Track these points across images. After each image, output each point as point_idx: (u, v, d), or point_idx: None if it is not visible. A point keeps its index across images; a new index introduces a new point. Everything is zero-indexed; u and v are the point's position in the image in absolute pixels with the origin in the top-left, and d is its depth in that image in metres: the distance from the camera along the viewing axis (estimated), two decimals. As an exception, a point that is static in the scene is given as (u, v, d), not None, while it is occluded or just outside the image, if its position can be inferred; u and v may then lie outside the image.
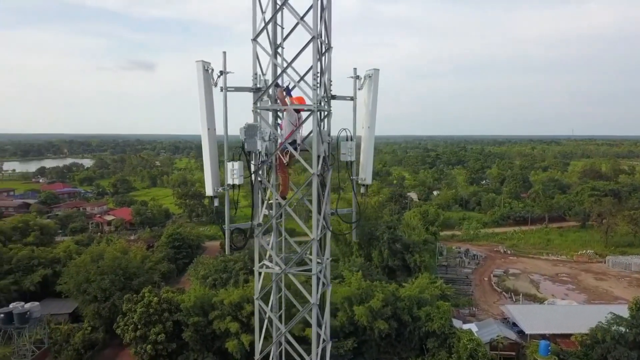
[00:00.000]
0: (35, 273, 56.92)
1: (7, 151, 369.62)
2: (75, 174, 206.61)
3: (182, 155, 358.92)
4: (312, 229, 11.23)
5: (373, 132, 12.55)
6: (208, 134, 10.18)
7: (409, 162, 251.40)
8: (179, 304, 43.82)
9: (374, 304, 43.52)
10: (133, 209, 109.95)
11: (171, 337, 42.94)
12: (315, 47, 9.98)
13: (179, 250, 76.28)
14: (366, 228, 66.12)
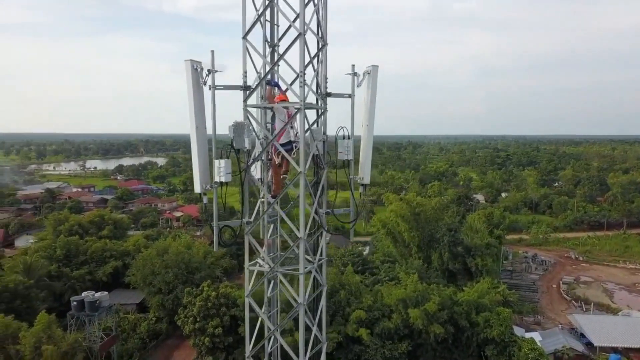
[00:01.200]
0: (107, 265, 60.52)
1: (91, 150, 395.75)
2: (149, 172, 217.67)
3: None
4: (300, 228, 11.19)
5: (372, 131, 12.27)
6: (196, 132, 10.44)
7: (477, 162, 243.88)
8: (236, 299, 44.96)
9: (429, 307, 42.58)
10: (200, 206, 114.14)
11: (228, 331, 44.15)
12: (302, 44, 10.00)
13: (241, 247, 78.11)
14: (426, 230, 64.88)
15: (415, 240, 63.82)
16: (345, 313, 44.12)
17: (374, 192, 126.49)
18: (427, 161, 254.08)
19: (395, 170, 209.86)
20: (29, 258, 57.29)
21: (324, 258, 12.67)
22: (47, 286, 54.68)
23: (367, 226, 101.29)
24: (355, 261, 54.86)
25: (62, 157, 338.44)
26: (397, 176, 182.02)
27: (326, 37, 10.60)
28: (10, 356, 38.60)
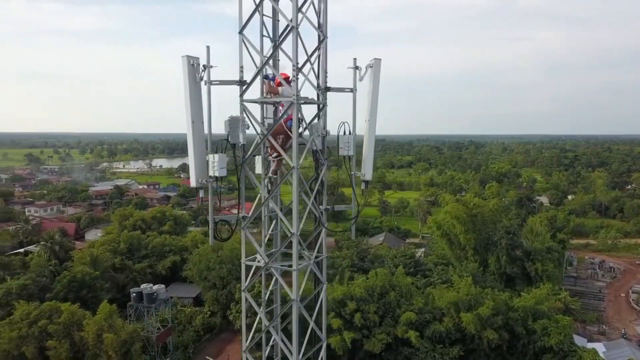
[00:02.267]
0: (166, 259, 63.00)
1: (157, 149, 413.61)
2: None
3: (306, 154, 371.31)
4: (293, 224, 11.07)
5: (374, 126, 11.91)
6: (192, 127, 10.55)
7: (543, 163, 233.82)
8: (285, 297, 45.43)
9: (482, 312, 41.22)
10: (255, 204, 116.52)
11: (278, 327, 44.71)
12: (295, 38, 9.95)
13: (295, 245, 79.06)
14: (483, 232, 62.90)
15: (471, 242, 62.01)
16: (395, 314, 43.55)
17: (432, 193, 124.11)
18: (489, 161, 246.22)
19: (455, 171, 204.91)
20: (95, 250, 60.65)
21: (323, 255, 12.56)
22: (111, 277, 57.69)
23: (423, 228, 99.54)
24: (407, 262, 54.01)
25: (131, 155, 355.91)
26: (457, 177, 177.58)
27: (326, 30, 10.49)
28: (75, 342, 40.98)
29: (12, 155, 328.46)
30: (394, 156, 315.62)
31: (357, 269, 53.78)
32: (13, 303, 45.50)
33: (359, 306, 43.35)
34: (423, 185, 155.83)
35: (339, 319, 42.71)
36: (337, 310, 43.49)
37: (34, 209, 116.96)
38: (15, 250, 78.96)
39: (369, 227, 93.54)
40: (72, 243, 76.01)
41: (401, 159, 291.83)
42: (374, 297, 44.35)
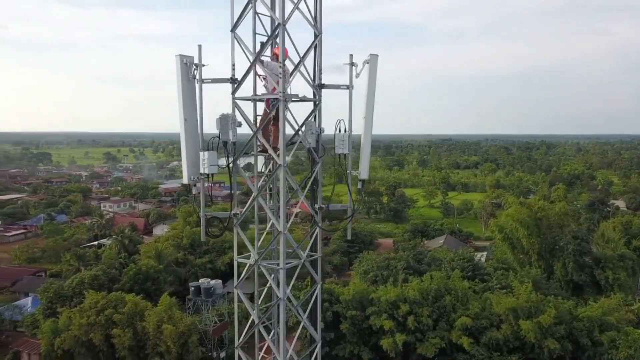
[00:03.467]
0: (225, 255, 64.88)
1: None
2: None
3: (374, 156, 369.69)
4: (280, 222, 10.92)
5: (370, 124, 11.51)
6: (185, 124, 10.71)
7: (621, 165, 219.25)
8: (339, 296, 45.48)
9: (543, 320, 39.30)
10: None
11: (330, 326, 44.77)
12: (282, 34, 9.88)
13: (352, 245, 78.91)
14: (548, 237, 59.98)
15: (535, 247, 59.29)
16: (450, 319, 42.48)
17: (498, 195, 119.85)
18: (561, 163, 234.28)
19: (523, 172, 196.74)
20: (160, 245, 63.54)
21: (318, 255, 12.41)
22: (173, 271, 60.22)
23: (486, 230, 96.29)
24: (465, 266, 52.44)
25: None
26: (526, 178, 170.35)
27: (320, 26, 10.37)
28: (137, 331, 43.10)
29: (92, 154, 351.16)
30: (460, 156, 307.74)
31: (412, 271, 52.90)
32: (84, 292, 48.56)
33: (412, 309, 42.63)
34: (489, 186, 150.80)
35: (391, 321, 42.21)
36: (390, 312, 43.00)
37: (109, 204, 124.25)
38: (90, 242, 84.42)
39: (429, 229, 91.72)
40: (140, 237, 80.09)
41: (467, 159, 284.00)
42: (428, 300, 43.46)
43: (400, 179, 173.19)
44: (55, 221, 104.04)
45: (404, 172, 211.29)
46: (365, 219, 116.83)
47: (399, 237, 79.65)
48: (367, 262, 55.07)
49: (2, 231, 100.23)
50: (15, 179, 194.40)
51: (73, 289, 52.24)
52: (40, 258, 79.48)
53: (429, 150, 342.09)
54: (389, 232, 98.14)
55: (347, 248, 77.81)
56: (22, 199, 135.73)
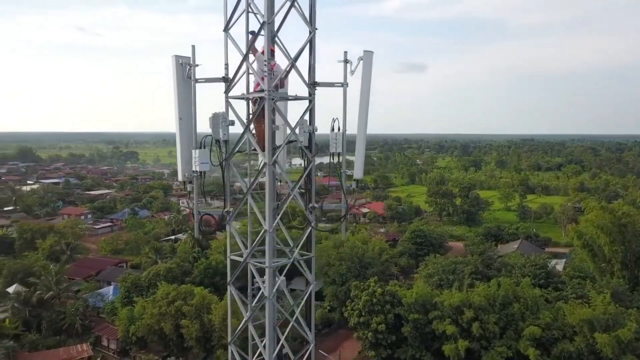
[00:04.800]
0: (292, 252, 65.93)
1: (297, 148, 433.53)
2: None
3: (445, 154, 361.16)
4: (266, 220, 10.62)
5: (365, 122, 10.93)
6: (179, 123, 10.79)
7: None
8: (401, 299, 44.80)
9: (622, 334, 36.43)
10: (386, 203, 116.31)
11: (392, 329, 44.24)
12: (268, 33, 9.73)
13: (420, 247, 77.39)
14: (634, 245, 55.46)
15: (618, 255, 55.03)
16: (518, 328, 40.52)
17: (581, 199, 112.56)
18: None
19: (612, 175, 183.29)
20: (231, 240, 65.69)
21: (312, 255, 12.11)
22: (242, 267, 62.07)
23: (565, 236, 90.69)
24: (538, 273, 49.72)
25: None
26: (614, 181, 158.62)
27: (314, 23, 10.14)
28: (204, 323, 44.87)
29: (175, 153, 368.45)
30: (542, 157, 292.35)
31: (481, 277, 50.98)
32: (158, 283, 51.30)
33: (478, 315, 41.13)
34: (571, 189, 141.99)
35: (455, 326, 40.97)
36: (453, 317, 41.74)
37: (187, 201, 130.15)
38: (168, 237, 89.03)
39: (503, 233, 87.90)
40: (213, 233, 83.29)
41: (550, 161, 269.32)
42: (494, 307, 41.72)
43: (476, 181, 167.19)
44: (138, 216, 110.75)
45: (480, 174, 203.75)
46: (436, 221, 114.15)
47: (470, 241, 76.93)
48: (432, 265, 53.77)
49: (92, 224, 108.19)
50: (106, 175, 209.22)
51: (149, 280, 55.36)
52: (123, 250, 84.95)
53: (508, 151, 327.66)
54: (461, 236, 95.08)
55: (415, 250, 76.38)
56: (111, 194, 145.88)
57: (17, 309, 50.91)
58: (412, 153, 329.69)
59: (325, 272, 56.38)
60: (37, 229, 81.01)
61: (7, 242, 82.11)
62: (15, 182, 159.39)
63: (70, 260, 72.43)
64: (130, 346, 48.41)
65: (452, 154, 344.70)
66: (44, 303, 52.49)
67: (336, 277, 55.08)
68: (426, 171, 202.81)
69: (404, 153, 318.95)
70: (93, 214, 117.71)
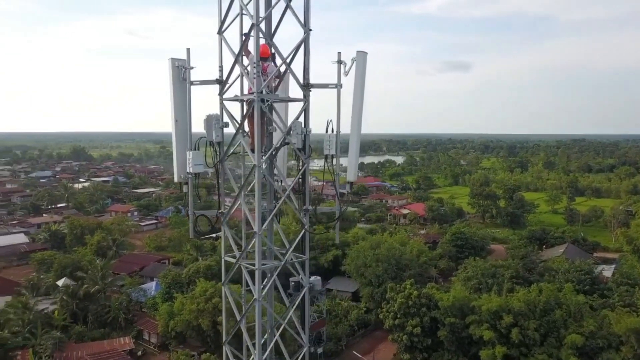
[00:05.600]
0: (329, 252, 65.98)
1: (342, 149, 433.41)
2: (387, 170, 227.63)
3: (490, 155, 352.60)
4: (256, 222, 10.43)
5: (359, 124, 10.54)
6: (176, 125, 10.78)
7: None
8: (438, 302, 44.07)
9: (673, 346, 34.61)
10: (427, 204, 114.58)
11: (427, 332, 43.61)
12: (257, 35, 9.66)
13: (461, 250, 75.84)
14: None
15: (671, 262, 52.24)
16: (559, 335, 39.11)
17: (634, 202, 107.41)
18: None
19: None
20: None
21: (306, 257, 11.89)
22: (279, 266, 62.65)
23: (615, 241, 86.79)
24: (582, 279, 47.78)
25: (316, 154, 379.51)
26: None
27: (308, 24, 9.98)
28: (240, 321, 45.56)
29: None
30: (593, 158, 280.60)
31: (522, 281, 49.53)
32: (196, 280, 52.47)
33: (517, 321, 39.97)
34: (624, 192, 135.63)
35: (492, 332, 39.94)
36: (492, 322, 40.70)
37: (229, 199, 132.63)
38: (209, 235, 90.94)
39: (548, 237, 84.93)
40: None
41: (601, 162, 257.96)
42: (535, 313, 40.43)
43: (522, 182, 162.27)
44: (181, 214, 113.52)
45: (526, 175, 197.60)
46: (479, 223, 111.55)
47: (513, 244, 74.72)
48: (471, 269, 52.62)
49: (138, 221, 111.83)
50: (153, 174, 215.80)
51: (189, 277, 56.72)
52: (166, 247, 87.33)
53: (557, 152, 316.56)
54: (504, 238, 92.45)
55: (455, 253, 74.92)
56: (156, 192, 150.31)
57: (66, 302, 53.15)
58: (456, 153, 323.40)
59: (362, 273, 56.15)
60: (86, 225, 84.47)
61: (59, 237, 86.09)
62: (69, 180, 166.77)
63: (116, 256, 75.11)
64: (170, 341, 49.69)
65: (497, 155, 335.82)
66: (90, 296, 54.60)
67: (372, 278, 54.75)
68: (470, 172, 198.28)
69: (448, 153, 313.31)
70: (139, 211, 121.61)
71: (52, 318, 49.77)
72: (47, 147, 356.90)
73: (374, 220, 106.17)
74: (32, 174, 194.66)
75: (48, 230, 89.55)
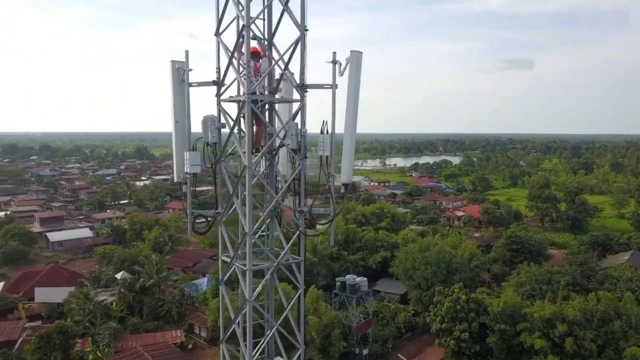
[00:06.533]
0: (377, 254, 65.47)
1: (395, 148, 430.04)
2: (443, 171, 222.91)
3: (552, 156, 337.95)
4: (247, 223, 10.13)
5: (354, 125, 10.00)
6: (176, 126, 10.80)
7: None
8: (487, 307, 42.75)
9: None
10: (482, 207, 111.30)
11: (476, 338, 42.40)
12: (248, 36, 9.49)
13: (516, 254, 73.11)
14: None
15: None
16: (619, 347, 36.96)
17: None
18: None
19: None
20: (316, 239, 66.77)
21: (301, 259, 11.57)
22: (327, 265, 62.80)
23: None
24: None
25: (370, 154, 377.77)
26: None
27: (304, 23, 9.72)
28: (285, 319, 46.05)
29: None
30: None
31: (579, 288, 47.18)
32: (245, 277, 53.49)
33: (572, 330, 38.12)
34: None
35: (545, 340, 38.29)
36: (544, 330, 39.03)
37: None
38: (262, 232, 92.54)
39: (612, 243, 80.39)
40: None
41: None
42: (592, 322, 38.41)
43: (585, 185, 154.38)
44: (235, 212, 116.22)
45: (590, 177, 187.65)
46: (537, 227, 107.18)
47: (572, 250, 71.26)
48: (524, 274, 50.64)
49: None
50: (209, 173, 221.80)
51: (239, 274, 57.98)
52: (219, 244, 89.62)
53: (625, 153, 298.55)
54: (564, 244, 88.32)
55: (510, 257, 72.32)
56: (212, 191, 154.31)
57: (123, 294, 55.68)
58: (515, 154, 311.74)
59: (410, 275, 55.31)
60: (145, 222, 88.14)
61: (121, 232, 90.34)
62: (131, 178, 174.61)
63: (172, 252, 77.88)
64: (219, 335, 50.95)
65: (560, 156, 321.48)
66: (146, 290, 56.92)
67: (421, 281, 53.81)
68: (530, 173, 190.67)
69: (507, 154, 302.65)
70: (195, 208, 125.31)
71: (110, 309, 52.27)
72: (113, 147, 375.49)
73: (426, 222, 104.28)
74: (98, 172, 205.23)
75: (110, 226, 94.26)
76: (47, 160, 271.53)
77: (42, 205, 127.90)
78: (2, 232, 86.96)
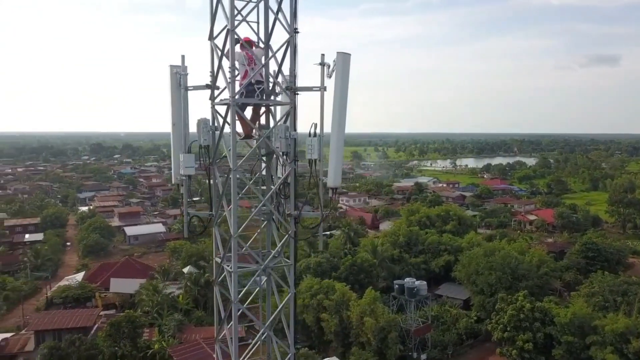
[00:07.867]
0: (440, 257, 63.89)
1: (466, 149, 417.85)
2: (516, 172, 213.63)
3: None
4: (232, 226, 9.75)
5: (342, 128, 9.33)
6: (173, 129, 10.83)
7: None
8: (554, 317, 40.53)
9: None
10: (556, 211, 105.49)
11: (541, 349, 40.37)
12: (232, 38, 9.28)
13: (592, 262, 68.76)
14: None
15: None
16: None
17: None
18: None
19: None
20: (377, 241, 66.27)
21: (291, 262, 11.15)
22: (387, 267, 62.14)
23: None
24: None
25: (440, 154, 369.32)
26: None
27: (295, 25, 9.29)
28: (342, 319, 46.08)
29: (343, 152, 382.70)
30: None
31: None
32: (303, 276, 54.08)
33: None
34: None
35: (617, 356, 35.70)
36: (618, 345, 36.42)
37: (346, 198, 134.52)
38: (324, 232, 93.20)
39: None
40: (365, 231, 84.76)
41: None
42: (672, 339, 35.35)
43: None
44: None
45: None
46: (618, 233, 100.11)
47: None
48: (597, 284, 47.48)
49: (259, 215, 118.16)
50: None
51: (300, 272, 58.70)
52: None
53: None
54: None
55: (585, 265, 68.12)
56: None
57: (189, 288, 58.08)
58: (597, 155, 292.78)
59: (473, 280, 53.50)
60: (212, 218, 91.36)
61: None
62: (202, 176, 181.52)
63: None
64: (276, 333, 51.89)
65: None
66: (210, 285, 59.05)
67: (484, 287, 51.90)
68: (612, 176, 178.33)
69: (587, 155, 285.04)
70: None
71: (177, 302, 54.72)
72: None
73: (495, 226, 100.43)
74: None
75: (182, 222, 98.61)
76: (128, 159, 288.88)
77: (121, 201, 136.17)
78: (86, 226, 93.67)
